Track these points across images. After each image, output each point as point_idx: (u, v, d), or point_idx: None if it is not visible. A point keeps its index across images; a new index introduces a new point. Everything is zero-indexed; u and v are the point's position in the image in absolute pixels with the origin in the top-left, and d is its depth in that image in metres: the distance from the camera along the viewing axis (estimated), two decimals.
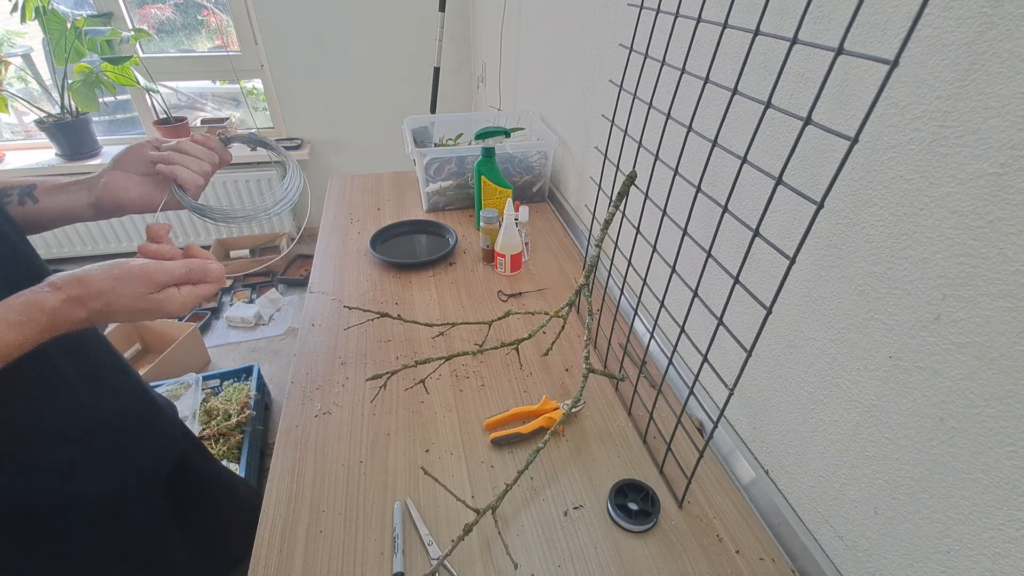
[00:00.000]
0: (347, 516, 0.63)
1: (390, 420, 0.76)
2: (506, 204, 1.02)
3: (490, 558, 0.59)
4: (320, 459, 0.70)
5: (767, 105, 0.46)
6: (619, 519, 0.62)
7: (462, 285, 1.06)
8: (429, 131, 1.49)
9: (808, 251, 0.54)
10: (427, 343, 0.91)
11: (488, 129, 1.12)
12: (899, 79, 0.42)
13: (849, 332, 0.51)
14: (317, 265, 1.13)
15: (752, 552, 0.60)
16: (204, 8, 2.42)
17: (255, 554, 0.59)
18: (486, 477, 0.68)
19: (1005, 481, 0.39)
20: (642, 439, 0.73)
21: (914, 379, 0.45)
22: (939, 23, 0.38)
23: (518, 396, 0.80)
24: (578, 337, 0.92)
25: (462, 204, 1.36)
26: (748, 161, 0.49)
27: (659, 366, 0.85)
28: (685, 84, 0.62)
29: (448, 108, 2.61)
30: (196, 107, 2.63)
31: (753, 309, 0.63)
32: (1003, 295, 0.37)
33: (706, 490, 0.67)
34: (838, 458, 0.54)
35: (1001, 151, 0.36)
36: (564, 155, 1.32)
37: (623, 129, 0.76)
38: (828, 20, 0.48)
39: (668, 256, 0.76)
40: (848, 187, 0.48)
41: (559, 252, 1.18)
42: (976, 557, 0.41)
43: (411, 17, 2.41)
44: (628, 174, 0.75)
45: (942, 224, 0.41)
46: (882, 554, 0.50)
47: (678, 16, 0.61)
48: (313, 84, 2.49)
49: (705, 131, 0.64)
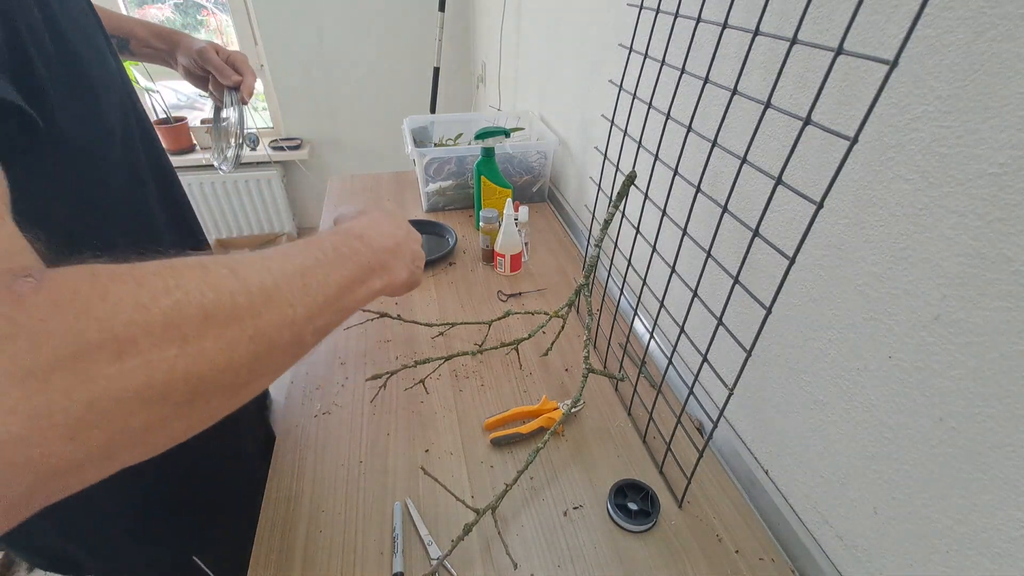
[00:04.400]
0: (347, 516, 0.63)
1: (390, 420, 0.76)
2: (506, 204, 1.02)
3: (490, 558, 0.59)
4: (320, 459, 0.70)
5: (767, 105, 0.46)
6: (619, 519, 0.62)
7: (462, 285, 1.06)
8: (429, 131, 1.49)
9: (808, 251, 0.54)
10: (427, 343, 0.91)
11: (488, 129, 1.12)
12: (899, 79, 0.42)
13: (849, 332, 0.51)
14: None
15: (752, 552, 0.60)
16: (204, 8, 2.42)
17: (255, 554, 0.59)
18: (486, 477, 0.68)
19: (1005, 481, 0.39)
20: (642, 439, 0.73)
21: (914, 379, 0.45)
22: (939, 23, 0.38)
23: (518, 396, 0.80)
24: (578, 337, 0.92)
25: (462, 204, 1.36)
26: (748, 161, 0.49)
27: (659, 366, 0.85)
28: (685, 84, 0.62)
29: (448, 108, 2.61)
30: (196, 107, 2.63)
31: (753, 309, 0.63)
32: (1003, 295, 0.37)
33: (706, 490, 0.67)
34: (838, 458, 0.54)
35: (1001, 151, 0.36)
36: (564, 155, 1.32)
37: (623, 129, 0.76)
38: (828, 20, 0.48)
39: (668, 256, 0.76)
40: (848, 187, 0.48)
41: (559, 252, 1.18)
42: (976, 557, 0.41)
43: (411, 17, 2.41)
44: (628, 174, 0.75)
45: (942, 224, 0.41)
46: (882, 554, 0.50)
47: (678, 16, 0.61)
48: (313, 84, 2.49)
49: (705, 131, 0.64)
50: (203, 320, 0.25)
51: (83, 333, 0.21)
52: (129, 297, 0.23)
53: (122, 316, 0.23)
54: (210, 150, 0.89)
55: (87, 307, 0.22)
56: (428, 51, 2.26)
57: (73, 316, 0.21)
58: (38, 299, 0.21)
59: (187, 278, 0.26)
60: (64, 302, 0.22)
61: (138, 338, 0.23)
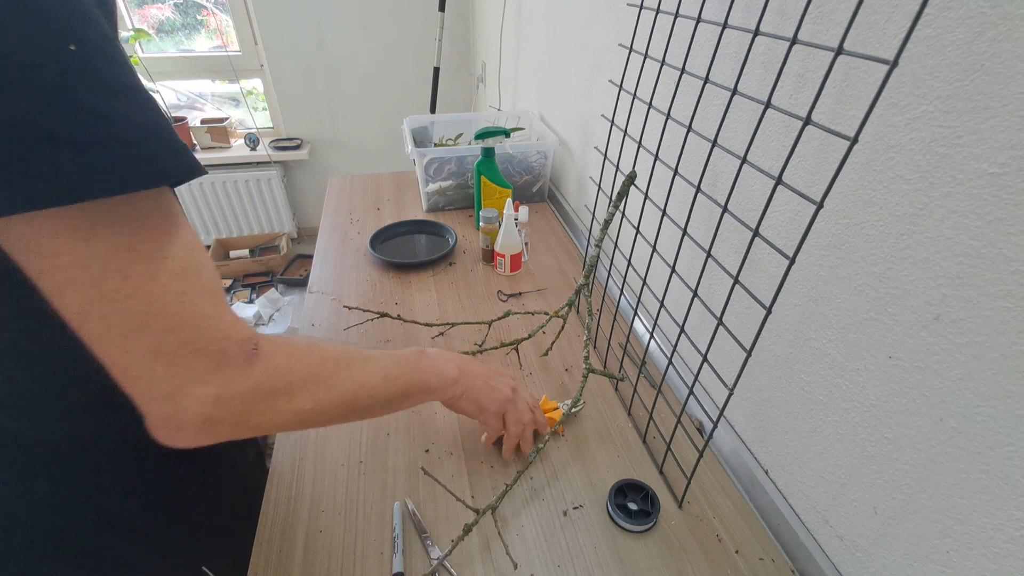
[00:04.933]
0: (347, 516, 0.63)
1: (390, 420, 0.76)
2: (506, 204, 1.02)
3: (490, 558, 0.59)
4: (320, 459, 0.70)
5: (767, 105, 0.46)
6: (619, 519, 0.62)
7: (462, 285, 1.06)
8: (429, 131, 1.49)
9: (808, 251, 0.54)
10: (427, 343, 0.91)
11: (488, 129, 1.12)
12: (899, 79, 0.42)
13: (849, 332, 0.51)
14: (317, 265, 1.13)
15: (752, 552, 0.60)
16: (204, 8, 2.42)
17: (255, 554, 0.59)
18: (486, 477, 0.68)
19: (1005, 481, 0.39)
20: (642, 439, 0.73)
21: (914, 379, 0.45)
22: (939, 23, 0.38)
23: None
24: (578, 337, 0.92)
25: (462, 204, 1.36)
26: (748, 161, 0.49)
27: (659, 366, 0.85)
28: (685, 84, 0.62)
29: (448, 108, 2.61)
30: (196, 107, 2.63)
31: (753, 309, 0.63)
32: (1003, 295, 0.37)
33: (706, 490, 0.67)
34: (838, 458, 0.54)
35: (1001, 151, 0.36)
36: (564, 155, 1.32)
37: (623, 129, 0.76)
38: (828, 20, 0.48)
39: (668, 256, 0.76)
40: (848, 187, 0.48)
41: (559, 252, 1.18)
42: (976, 557, 0.41)
43: (411, 17, 2.41)
44: (628, 174, 0.75)
45: (942, 224, 0.41)
46: (882, 554, 0.50)
47: (678, 16, 0.61)
48: (313, 84, 2.49)
49: (705, 131, 0.64)
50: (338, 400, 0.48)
51: (276, 387, 0.42)
52: (304, 367, 0.45)
53: (296, 379, 0.44)
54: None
55: (282, 376, 0.43)
56: (428, 51, 2.26)
57: (274, 378, 0.42)
58: (262, 365, 0.41)
59: (332, 374, 0.47)
60: (272, 369, 0.41)
61: (299, 390, 0.44)
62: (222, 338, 0.37)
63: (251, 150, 2.48)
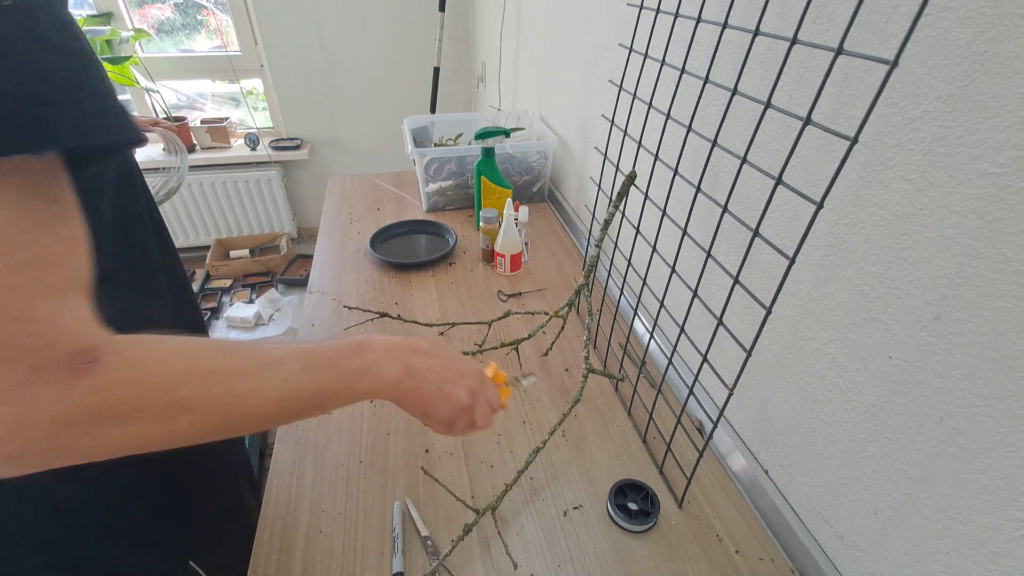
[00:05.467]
0: (347, 516, 0.63)
1: (390, 420, 0.76)
2: (506, 204, 1.02)
3: (490, 558, 0.59)
4: (320, 459, 0.70)
5: (767, 105, 0.46)
6: (619, 519, 0.62)
7: (462, 285, 1.06)
8: (429, 131, 1.49)
9: (808, 251, 0.54)
10: None
11: (488, 129, 1.12)
12: (899, 79, 0.42)
13: (849, 332, 0.51)
14: (317, 265, 1.13)
15: (752, 552, 0.60)
16: (204, 8, 2.42)
17: (255, 554, 0.59)
18: (486, 477, 0.68)
19: (1004, 481, 0.39)
20: (642, 439, 0.73)
21: (914, 379, 0.45)
22: (939, 23, 0.38)
23: (518, 396, 0.80)
24: (578, 337, 0.92)
25: (462, 204, 1.36)
26: (748, 161, 0.49)
27: (659, 366, 0.85)
28: (685, 84, 0.62)
29: (448, 108, 2.61)
30: (196, 107, 2.63)
31: (753, 309, 0.63)
32: (1003, 295, 0.37)
33: (706, 490, 0.67)
34: (838, 458, 0.54)
35: (1001, 151, 0.36)
36: (564, 155, 1.32)
37: (623, 129, 0.76)
38: (828, 20, 0.48)
39: (668, 256, 0.76)
40: (848, 187, 0.48)
41: (559, 252, 1.18)
42: (976, 557, 0.41)
43: (411, 17, 2.41)
44: (628, 174, 0.75)
45: (942, 224, 0.41)
46: (882, 554, 0.50)
47: (678, 16, 0.61)
48: (313, 84, 2.48)
49: (705, 131, 0.64)
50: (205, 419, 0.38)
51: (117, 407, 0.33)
52: (152, 385, 0.34)
53: (133, 400, 0.34)
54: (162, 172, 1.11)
55: (114, 396, 0.32)
56: (428, 51, 2.26)
57: (99, 399, 0.32)
58: (89, 381, 0.31)
59: (201, 390, 0.36)
60: (100, 388, 0.32)
61: (137, 412, 0.34)
62: (42, 347, 0.30)
63: (251, 150, 2.48)
